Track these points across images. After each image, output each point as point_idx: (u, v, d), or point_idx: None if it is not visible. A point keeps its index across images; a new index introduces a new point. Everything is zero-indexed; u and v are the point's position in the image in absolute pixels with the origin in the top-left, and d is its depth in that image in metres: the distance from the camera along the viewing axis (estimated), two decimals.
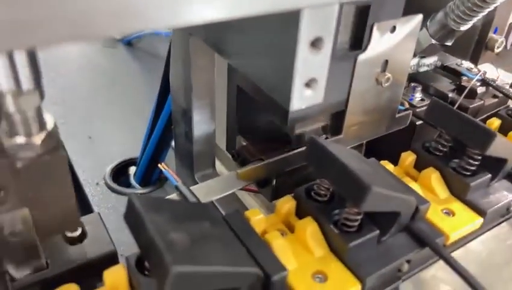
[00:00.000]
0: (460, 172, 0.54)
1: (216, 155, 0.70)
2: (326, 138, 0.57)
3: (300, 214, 0.49)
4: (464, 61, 0.81)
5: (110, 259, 0.43)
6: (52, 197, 0.40)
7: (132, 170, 1.01)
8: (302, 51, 0.37)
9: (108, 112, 1.21)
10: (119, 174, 1.03)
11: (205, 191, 0.50)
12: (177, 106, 0.65)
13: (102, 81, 1.36)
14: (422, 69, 0.81)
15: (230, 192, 0.50)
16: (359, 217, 0.45)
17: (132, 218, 0.35)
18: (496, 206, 0.52)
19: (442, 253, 0.45)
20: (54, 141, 0.38)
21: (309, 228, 0.45)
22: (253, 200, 0.70)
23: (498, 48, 0.62)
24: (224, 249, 0.37)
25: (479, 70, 0.77)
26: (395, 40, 0.52)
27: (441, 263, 0.47)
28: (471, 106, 0.74)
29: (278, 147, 0.56)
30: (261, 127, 0.59)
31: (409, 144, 0.61)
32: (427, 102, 0.76)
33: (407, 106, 0.70)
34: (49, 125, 0.38)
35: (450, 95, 0.76)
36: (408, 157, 0.57)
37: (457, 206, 0.52)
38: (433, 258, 0.48)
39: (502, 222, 0.54)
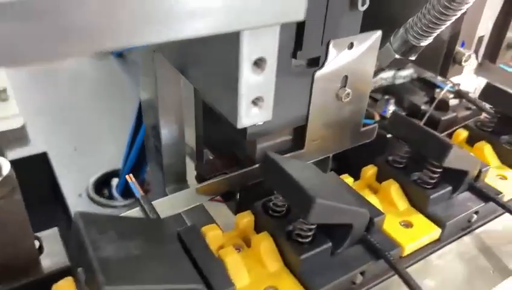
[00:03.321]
0: (421, 184, 0.54)
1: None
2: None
3: (258, 228, 0.49)
4: None
5: (65, 275, 0.44)
6: (10, 239, 0.41)
7: (115, 181, 1.02)
8: (245, 71, 0.38)
9: (96, 124, 1.22)
10: (104, 185, 1.04)
11: (165, 206, 0.50)
12: (146, 120, 0.66)
13: (92, 93, 1.38)
14: (398, 81, 0.81)
15: (189, 207, 0.51)
16: (311, 230, 0.45)
17: (74, 236, 0.36)
18: (455, 218, 0.53)
19: (394, 265, 0.45)
20: (9, 186, 0.40)
21: (263, 242, 0.46)
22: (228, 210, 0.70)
23: (465, 61, 0.63)
24: (168, 266, 0.38)
25: (453, 83, 0.78)
26: (353, 56, 0.53)
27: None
28: (443, 118, 0.75)
29: (242, 161, 0.57)
30: (225, 141, 0.60)
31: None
32: (403, 114, 0.77)
33: (377, 118, 0.71)
34: (5, 170, 0.40)
35: (423, 107, 0.76)
36: (369, 171, 0.57)
37: (416, 218, 0.53)
38: (390, 271, 0.48)
39: (463, 235, 0.54)
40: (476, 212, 0.55)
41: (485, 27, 0.65)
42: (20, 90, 1.25)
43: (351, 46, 0.52)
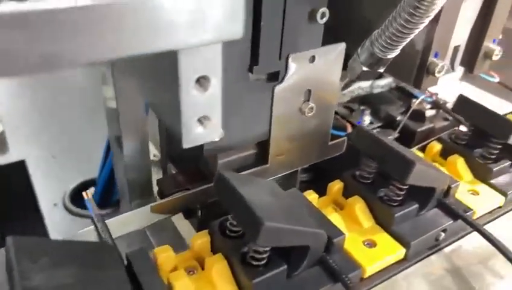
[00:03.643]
0: (386, 201, 0.53)
1: None
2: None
3: (214, 249, 0.48)
4: None
5: None
6: None
7: (92, 191, 1.00)
8: (186, 90, 0.36)
9: (76, 132, 1.20)
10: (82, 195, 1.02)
11: (119, 225, 0.49)
12: (110, 131, 0.64)
13: (74, 100, 1.36)
14: (376, 90, 0.79)
15: (144, 226, 0.49)
16: (266, 252, 0.43)
17: (6, 264, 0.35)
18: (421, 237, 0.51)
19: (351, 289, 0.43)
20: None
21: (216, 265, 0.44)
22: None
23: (439, 72, 0.61)
24: None
25: (431, 93, 0.76)
26: (316, 70, 0.51)
27: None
28: (419, 130, 0.73)
29: (205, 176, 0.56)
30: (188, 155, 0.58)
31: None
32: (376, 125, 0.75)
33: (349, 130, 0.69)
34: None
35: (399, 118, 0.74)
36: (335, 186, 0.56)
37: (380, 237, 0.51)
38: None
39: (430, 254, 0.52)
40: (444, 231, 0.53)
41: (460, 37, 0.63)
42: (0, 95, 1.23)
43: (312, 59, 0.50)
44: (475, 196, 0.58)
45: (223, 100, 0.39)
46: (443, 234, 0.53)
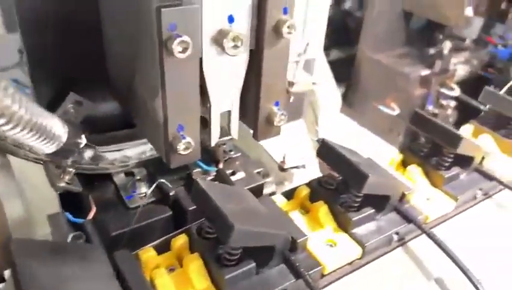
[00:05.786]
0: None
1: None
2: None
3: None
4: None
5: None
6: None
7: None
8: None
9: None
10: None
11: None
12: None
13: None
14: None
15: None
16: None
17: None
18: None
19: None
20: None
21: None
22: None
23: (185, 149, 0.49)
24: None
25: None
26: None
27: None
28: (190, 209, 0.60)
29: None
30: None
31: None
32: (151, 199, 0.62)
33: (90, 216, 0.57)
34: None
35: (172, 193, 0.61)
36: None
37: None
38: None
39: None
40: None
41: (222, 104, 0.52)
42: None
43: None
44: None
45: None
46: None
